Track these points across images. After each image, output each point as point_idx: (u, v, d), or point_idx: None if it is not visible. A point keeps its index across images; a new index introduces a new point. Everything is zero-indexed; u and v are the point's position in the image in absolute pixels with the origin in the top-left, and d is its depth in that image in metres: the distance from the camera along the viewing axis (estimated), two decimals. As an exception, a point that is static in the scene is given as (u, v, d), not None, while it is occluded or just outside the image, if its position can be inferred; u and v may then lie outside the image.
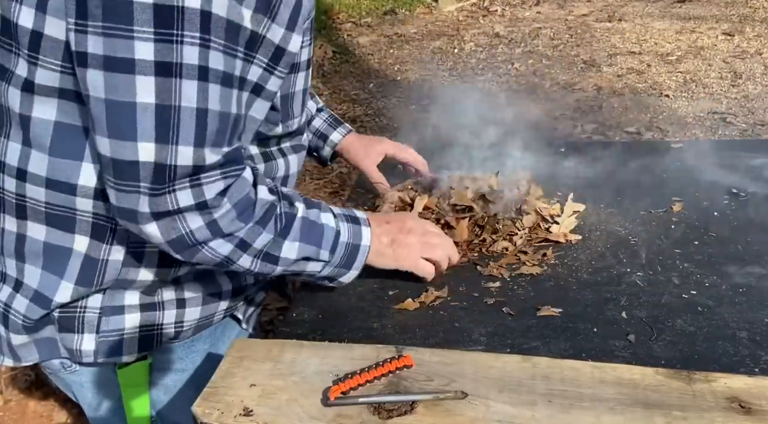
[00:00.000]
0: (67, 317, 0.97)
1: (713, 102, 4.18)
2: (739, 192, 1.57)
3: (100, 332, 0.98)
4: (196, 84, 0.76)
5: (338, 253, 1.07)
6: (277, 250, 0.98)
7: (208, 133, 0.80)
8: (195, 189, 0.83)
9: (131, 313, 1.00)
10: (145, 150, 0.76)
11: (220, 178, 0.85)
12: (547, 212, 1.51)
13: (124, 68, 0.72)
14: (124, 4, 0.68)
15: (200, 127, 0.78)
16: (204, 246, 0.89)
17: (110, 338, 0.99)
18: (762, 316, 1.13)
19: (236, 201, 0.88)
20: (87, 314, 0.97)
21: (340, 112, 4.40)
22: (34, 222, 0.91)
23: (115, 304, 0.99)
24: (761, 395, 0.87)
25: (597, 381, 0.91)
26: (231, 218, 0.89)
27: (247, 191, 0.90)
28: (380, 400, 0.89)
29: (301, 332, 1.17)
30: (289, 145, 1.11)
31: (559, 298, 1.23)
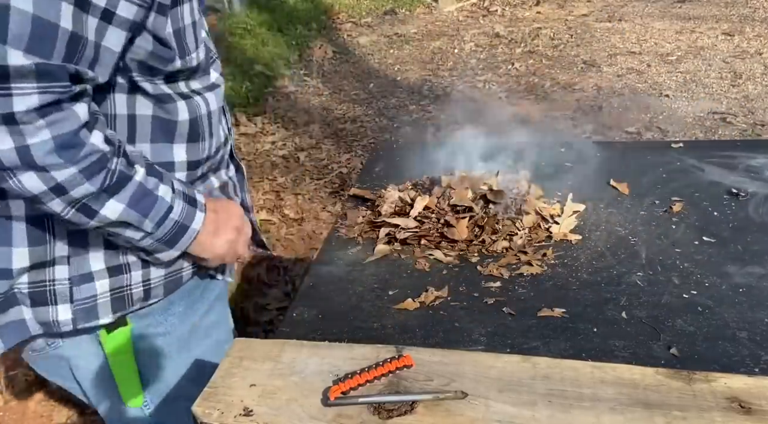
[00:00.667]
0: (38, 291, 0.97)
1: (713, 102, 4.18)
2: (739, 192, 1.57)
3: (74, 301, 0.99)
4: None
5: (163, 228, 0.99)
6: (98, 205, 0.90)
7: (17, 32, 0.75)
8: (2, 98, 0.76)
9: (101, 279, 1.01)
10: None
11: (34, 91, 0.78)
12: (547, 211, 1.51)
13: None
14: None
15: (4, 23, 0.74)
16: (10, 175, 0.81)
17: (85, 305, 1.00)
18: (762, 316, 1.13)
19: (58, 132, 0.81)
20: (57, 287, 0.98)
21: (340, 113, 4.40)
22: None
23: (83, 272, 0.99)
24: (761, 395, 0.87)
25: (597, 381, 0.91)
26: (48, 148, 0.81)
27: (75, 128, 0.83)
28: (380, 400, 0.89)
29: (301, 332, 1.17)
30: (200, 85, 1.06)
31: (559, 298, 1.23)
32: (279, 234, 3.04)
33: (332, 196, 3.36)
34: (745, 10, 6.26)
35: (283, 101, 4.66)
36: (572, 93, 4.57)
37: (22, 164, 0.81)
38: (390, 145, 2.69)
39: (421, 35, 6.28)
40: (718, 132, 3.82)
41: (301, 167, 3.69)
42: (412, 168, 1.79)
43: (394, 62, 5.54)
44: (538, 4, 7.02)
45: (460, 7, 7.15)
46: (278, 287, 2.64)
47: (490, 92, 4.68)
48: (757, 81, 4.52)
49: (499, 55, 5.50)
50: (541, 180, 1.67)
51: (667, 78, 4.70)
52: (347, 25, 6.57)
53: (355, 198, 1.72)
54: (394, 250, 1.46)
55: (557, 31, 6.04)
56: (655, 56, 5.15)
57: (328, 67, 5.41)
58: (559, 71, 5.01)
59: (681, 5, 6.59)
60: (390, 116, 4.38)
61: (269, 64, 5.08)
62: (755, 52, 5.06)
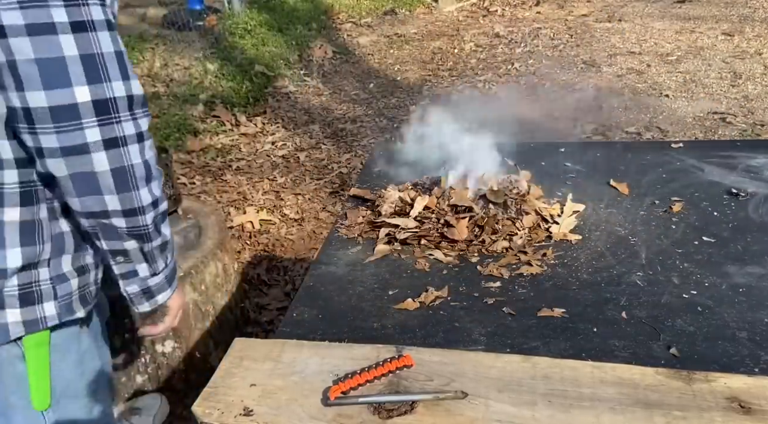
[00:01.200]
0: (27, 292, 1.06)
1: (713, 102, 4.18)
2: (738, 192, 1.57)
3: (58, 298, 1.09)
4: (107, 34, 0.92)
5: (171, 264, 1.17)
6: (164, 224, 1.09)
7: (128, 69, 0.95)
8: (135, 121, 0.96)
9: (73, 278, 1.11)
10: (81, 92, 0.90)
11: (145, 115, 0.98)
12: (547, 212, 1.51)
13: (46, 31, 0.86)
14: None
15: (122, 64, 0.94)
16: (139, 186, 0.99)
17: (65, 301, 1.10)
18: (762, 316, 1.13)
19: (154, 148, 1.02)
20: (42, 287, 1.07)
21: (340, 113, 4.40)
22: None
23: (59, 273, 1.09)
24: (761, 394, 0.87)
25: (597, 381, 0.91)
26: (154, 162, 1.01)
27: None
28: (380, 400, 0.89)
29: (301, 332, 1.17)
30: None
31: (559, 298, 1.23)
32: (279, 234, 3.04)
33: (332, 196, 3.36)
34: (745, 10, 6.26)
35: (283, 101, 4.66)
36: (572, 93, 4.57)
37: (146, 176, 0.99)
38: (390, 145, 2.69)
39: (421, 35, 6.28)
40: (718, 132, 3.82)
41: (301, 167, 3.69)
42: (412, 168, 1.79)
43: (394, 62, 5.54)
44: (538, 4, 7.02)
45: (460, 7, 7.15)
46: (278, 287, 2.64)
47: (490, 92, 4.68)
48: (756, 81, 4.52)
49: (499, 55, 5.50)
50: (541, 180, 1.67)
51: (667, 78, 4.70)
52: (347, 25, 6.57)
53: (355, 198, 1.72)
54: (394, 250, 1.46)
55: (557, 31, 6.04)
56: (655, 56, 5.15)
57: (328, 67, 5.41)
58: (559, 71, 5.00)
59: (681, 5, 6.59)
60: (390, 116, 4.38)
61: (269, 64, 5.08)
62: (755, 52, 5.06)
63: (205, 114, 4.26)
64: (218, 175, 3.60)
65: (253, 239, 3.02)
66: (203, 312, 2.08)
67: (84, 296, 1.14)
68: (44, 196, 1.03)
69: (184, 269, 1.97)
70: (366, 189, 1.74)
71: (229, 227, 2.99)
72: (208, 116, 4.25)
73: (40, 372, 1.14)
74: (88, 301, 1.16)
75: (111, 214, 1.00)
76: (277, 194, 3.41)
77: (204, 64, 4.91)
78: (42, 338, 1.12)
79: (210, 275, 2.07)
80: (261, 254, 2.89)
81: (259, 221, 3.12)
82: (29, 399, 1.15)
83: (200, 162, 3.74)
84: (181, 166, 3.65)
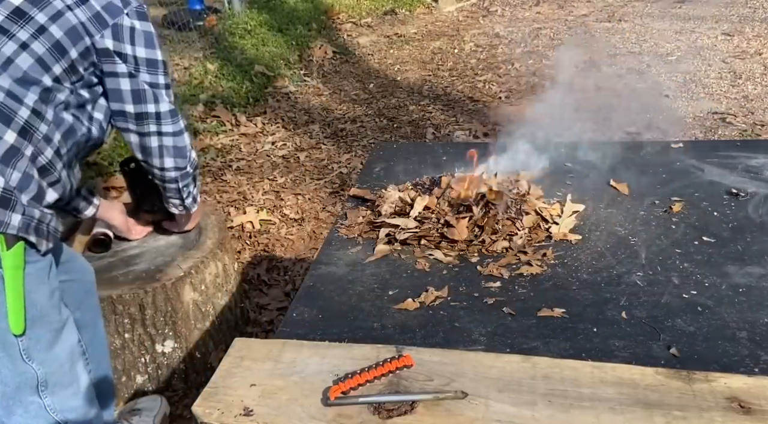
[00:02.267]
0: (6, 197, 1.23)
1: (713, 102, 4.18)
2: (738, 192, 1.57)
3: (24, 214, 1.27)
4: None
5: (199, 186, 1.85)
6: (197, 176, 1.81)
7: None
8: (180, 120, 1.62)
9: (34, 208, 1.30)
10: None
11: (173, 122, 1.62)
12: (547, 212, 1.51)
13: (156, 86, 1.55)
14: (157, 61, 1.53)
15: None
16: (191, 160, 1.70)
17: (27, 221, 1.27)
18: (762, 316, 1.13)
19: None
20: (17, 199, 1.25)
21: (340, 113, 4.40)
22: None
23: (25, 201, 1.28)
24: (761, 394, 0.87)
25: (597, 381, 0.91)
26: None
27: None
28: (380, 400, 0.89)
29: (301, 332, 1.17)
30: None
31: (559, 298, 1.23)
32: (279, 234, 3.04)
33: (332, 196, 3.36)
34: (745, 10, 6.26)
35: (283, 101, 4.66)
36: (572, 93, 4.57)
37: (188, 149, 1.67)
38: (390, 145, 2.69)
39: (421, 35, 6.28)
40: (718, 132, 3.82)
41: (301, 167, 3.69)
42: (412, 168, 1.79)
43: (394, 62, 5.54)
44: (538, 4, 7.02)
45: (460, 7, 7.15)
46: (278, 287, 2.64)
47: (490, 92, 4.68)
48: (756, 81, 4.52)
49: (499, 55, 5.50)
50: (541, 180, 1.67)
51: (667, 78, 4.70)
52: (347, 25, 6.57)
53: (355, 198, 1.72)
54: (394, 250, 1.46)
55: (557, 31, 6.04)
56: (655, 56, 5.15)
57: (328, 67, 5.41)
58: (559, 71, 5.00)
59: (681, 5, 6.59)
60: (390, 116, 4.38)
61: (269, 64, 5.08)
62: (755, 52, 5.06)
63: (205, 114, 4.26)
64: (218, 175, 3.60)
65: (253, 239, 3.02)
66: (203, 312, 2.08)
67: (39, 229, 1.30)
68: (35, 142, 1.29)
69: (184, 269, 1.97)
70: (366, 189, 1.74)
71: (229, 227, 2.99)
72: (208, 116, 4.25)
73: (16, 294, 1.26)
74: (42, 235, 1.31)
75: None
76: (277, 194, 3.41)
77: (204, 64, 4.91)
78: (18, 261, 1.26)
79: (210, 275, 2.07)
80: (261, 254, 2.89)
81: (259, 221, 3.12)
82: (7, 322, 1.25)
83: (200, 162, 3.74)
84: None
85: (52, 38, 1.32)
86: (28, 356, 1.32)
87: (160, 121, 1.56)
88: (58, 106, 1.35)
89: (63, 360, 1.41)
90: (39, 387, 1.36)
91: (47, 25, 1.32)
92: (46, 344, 1.36)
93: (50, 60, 1.31)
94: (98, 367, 1.66)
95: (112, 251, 2.03)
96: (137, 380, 2.04)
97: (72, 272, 1.59)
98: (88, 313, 1.64)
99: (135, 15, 1.45)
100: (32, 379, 1.34)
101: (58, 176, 1.37)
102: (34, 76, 1.29)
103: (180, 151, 1.63)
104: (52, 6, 1.33)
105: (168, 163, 1.63)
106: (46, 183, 1.34)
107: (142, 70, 1.49)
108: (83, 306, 1.62)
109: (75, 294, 1.58)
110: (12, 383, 1.32)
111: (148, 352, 2.00)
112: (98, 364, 1.66)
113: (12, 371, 1.31)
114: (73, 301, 1.55)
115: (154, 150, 1.59)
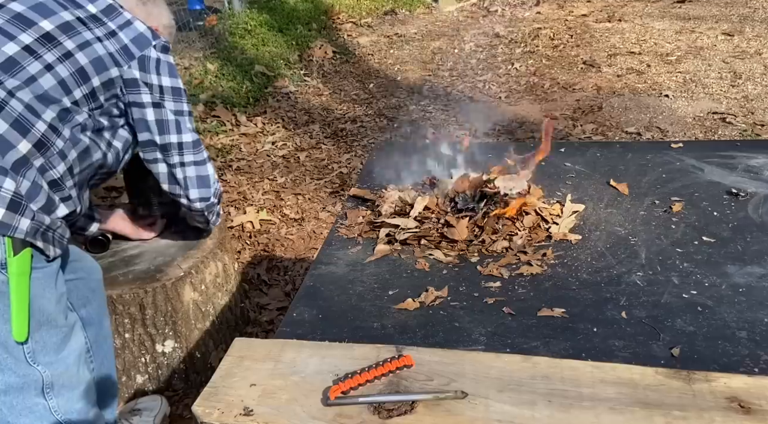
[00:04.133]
0: (16, 201, 1.24)
1: (713, 102, 4.18)
2: (738, 192, 1.57)
3: (34, 219, 1.28)
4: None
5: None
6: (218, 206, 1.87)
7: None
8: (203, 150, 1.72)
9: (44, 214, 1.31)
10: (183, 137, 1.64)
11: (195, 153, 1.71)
12: (547, 212, 1.51)
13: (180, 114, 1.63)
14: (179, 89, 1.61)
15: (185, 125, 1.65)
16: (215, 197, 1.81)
17: (36, 227, 1.28)
18: (762, 316, 1.13)
19: None
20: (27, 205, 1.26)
21: (340, 113, 4.40)
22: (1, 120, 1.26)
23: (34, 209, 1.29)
24: (761, 394, 0.87)
25: (597, 381, 0.91)
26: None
27: None
28: (380, 400, 0.89)
29: (301, 332, 1.17)
30: None
31: (559, 298, 1.23)
32: (279, 234, 3.04)
33: (332, 196, 3.36)
34: (745, 10, 6.25)
35: (283, 101, 4.66)
36: (572, 93, 4.57)
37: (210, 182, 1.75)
38: (390, 145, 2.69)
39: (421, 35, 6.28)
40: (718, 132, 3.82)
41: (301, 167, 3.69)
42: (412, 168, 1.79)
43: (394, 62, 5.54)
44: (538, 4, 7.02)
45: (460, 7, 7.15)
46: (278, 287, 2.64)
47: (490, 92, 4.68)
48: (756, 81, 4.52)
49: (499, 55, 5.49)
50: (541, 180, 1.67)
51: (667, 78, 4.70)
52: (347, 25, 6.56)
53: (355, 198, 1.72)
54: (394, 250, 1.46)
55: (557, 31, 6.04)
56: (655, 56, 5.15)
57: (328, 67, 5.41)
58: (559, 71, 5.00)
59: (681, 5, 6.59)
60: (390, 116, 4.38)
61: (269, 64, 5.08)
62: (755, 53, 5.06)
63: (205, 114, 4.26)
64: (218, 175, 3.60)
65: (253, 238, 3.02)
66: (203, 312, 2.08)
67: (47, 235, 1.32)
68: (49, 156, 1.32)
69: (184, 269, 1.97)
70: (366, 189, 1.74)
71: (229, 227, 2.99)
72: (208, 116, 4.25)
73: (21, 301, 1.27)
74: (49, 241, 1.33)
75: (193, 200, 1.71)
76: (277, 194, 3.41)
77: (204, 64, 4.91)
78: (24, 267, 1.27)
79: (210, 274, 2.07)
80: (261, 254, 2.89)
81: (259, 221, 3.12)
82: (10, 326, 1.27)
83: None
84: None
85: (77, 64, 1.38)
86: (34, 359, 1.34)
87: (182, 151, 1.61)
88: (75, 126, 1.39)
89: (70, 363, 1.42)
90: (44, 389, 1.37)
91: (74, 51, 1.38)
92: (53, 347, 1.38)
93: (72, 84, 1.37)
94: (102, 365, 1.67)
95: (112, 251, 2.03)
96: (137, 380, 2.04)
97: (79, 271, 1.60)
98: (93, 311, 1.65)
99: (161, 49, 1.55)
100: (37, 381, 1.36)
101: (68, 194, 1.40)
102: (54, 95, 1.33)
103: (203, 181, 1.69)
104: (82, 36, 1.40)
105: (193, 195, 1.68)
106: (57, 198, 1.37)
107: (167, 99, 1.56)
108: (89, 304, 1.63)
109: (81, 292, 1.60)
110: (16, 384, 1.33)
111: (148, 352, 2.00)
112: (102, 362, 1.67)
113: (16, 373, 1.32)
114: (79, 298, 1.58)
115: (180, 181, 1.65)
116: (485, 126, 3.36)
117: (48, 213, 1.33)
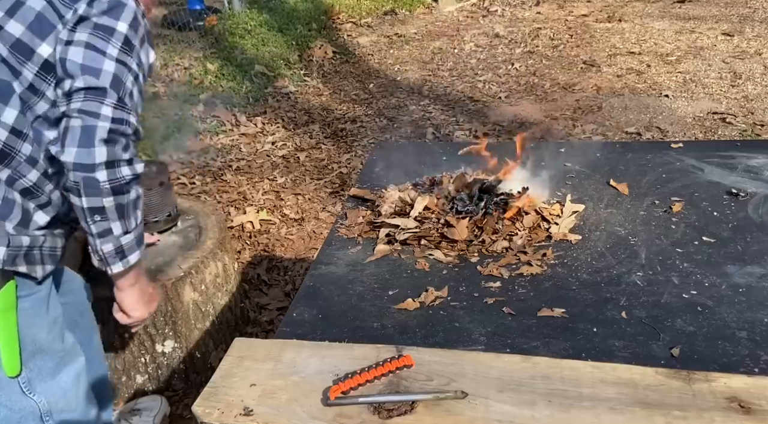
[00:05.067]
0: None
1: (713, 102, 4.18)
2: (738, 192, 1.57)
3: (10, 245, 1.17)
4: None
5: (140, 224, 1.28)
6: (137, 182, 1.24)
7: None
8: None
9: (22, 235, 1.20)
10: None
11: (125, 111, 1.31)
12: (547, 211, 1.51)
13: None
14: None
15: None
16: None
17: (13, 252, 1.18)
18: (762, 316, 1.13)
19: None
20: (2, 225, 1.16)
21: (340, 113, 4.40)
22: None
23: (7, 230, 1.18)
24: (761, 394, 0.87)
25: (597, 381, 0.91)
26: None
27: None
28: (380, 400, 0.89)
29: (301, 332, 1.17)
30: None
31: (559, 298, 1.23)
32: (279, 234, 3.04)
33: (332, 196, 3.36)
34: (745, 10, 6.25)
35: (283, 101, 4.66)
36: (572, 93, 4.57)
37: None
38: (390, 145, 2.69)
39: (421, 35, 6.28)
40: (718, 132, 3.82)
41: (301, 167, 3.69)
42: (412, 168, 1.79)
43: (394, 62, 5.54)
44: (538, 4, 7.02)
45: (460, 7, 7.15)
46: (278, 287, 2.64)
47: (490, 92, 4.68)
48: (756, 81, 4.52)
49: (499, 55, 5.50)
50: (541, 180, 1.67)
51: (666, 78, 4.70)
52: (347, 25, 6.56)
53: (355, 198, 1.72)
54: (394, 250, 1.46)
55: (557, 31, 6.04)
56: (655, 56, 5.15)
57: (328, 67, 5.41)
58: (559, 71, 5.00)
59: (681, 5, 6.59)
60: (390, 116, 4.38)
61: (269, 64, 5.08)
62: (755, 53, 5.06)
63: (205, 114, 4.26)
64: (218, 175, 3.60)
65: (253, 238, 3.02)
66: (203, 312, 2.08)
67: (30, 256, 1.21)
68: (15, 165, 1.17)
69: (184, 269, 1.97)
70: (366, 189, 1.74)
71: (229, 227, 2.99)
72: (208, 116, 4.25)
73: (9, 337, 1.20)
74: (34, 261, 1.23)
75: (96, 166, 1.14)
76: (277, 194, 3.41)
77: (204, 64, 4.91)
78: (9, 302, 1.18)
79: (210, 274, 2.07)
80: (261, 254, 2.89)
81: (259, 221, 3.12)
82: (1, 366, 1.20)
83: (200, 162, 3.75)
84: (181, 167, 3.65)
85: (11, 38, 1.12)
86: (30, 388, 1.28)
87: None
88: (37, 120, 1.19)
89: (68, 386, 1.36)
90: (43, 417, 1.32)
91: (2, 22, 1.12)
92: (49, 373, 1.32)
93: (15, 64, 1.13)
94: (95, 371, 1.65)
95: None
96: (137, 380, 2.04)
97: (68, 294, 1.54)
98: (81, 332, 1.58)
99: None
100: (34, 412, 1.30)
101: (48, 199, 1.25)
102: (3, 88, 1.12)
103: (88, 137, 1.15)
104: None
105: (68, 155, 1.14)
106: (33, 205, 1.23)
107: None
108: (77, 327, 1.57)
109: (70, 316, 1.53)
110: (13, 419, 1.27)
111: (148, 352, 2.00)
112: (95, 369, 1.65)
113: (11, 408, 1.27)
114: (68, 323, 1.47)
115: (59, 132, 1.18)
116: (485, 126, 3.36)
117: (26, 227, 1.21)
